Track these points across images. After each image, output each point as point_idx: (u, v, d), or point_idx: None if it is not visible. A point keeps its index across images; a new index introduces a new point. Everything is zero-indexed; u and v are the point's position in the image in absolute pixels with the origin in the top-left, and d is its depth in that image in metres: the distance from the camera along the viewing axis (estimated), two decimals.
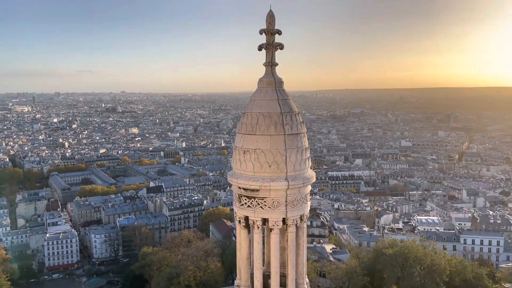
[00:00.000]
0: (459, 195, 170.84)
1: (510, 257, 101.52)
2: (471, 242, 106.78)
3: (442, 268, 68.58)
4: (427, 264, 69.10)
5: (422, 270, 69.18)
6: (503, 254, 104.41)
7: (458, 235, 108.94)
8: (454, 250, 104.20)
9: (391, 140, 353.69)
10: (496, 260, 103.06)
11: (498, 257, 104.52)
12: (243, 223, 14.04)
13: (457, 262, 74.64)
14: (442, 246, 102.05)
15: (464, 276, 71.43)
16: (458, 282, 70.76)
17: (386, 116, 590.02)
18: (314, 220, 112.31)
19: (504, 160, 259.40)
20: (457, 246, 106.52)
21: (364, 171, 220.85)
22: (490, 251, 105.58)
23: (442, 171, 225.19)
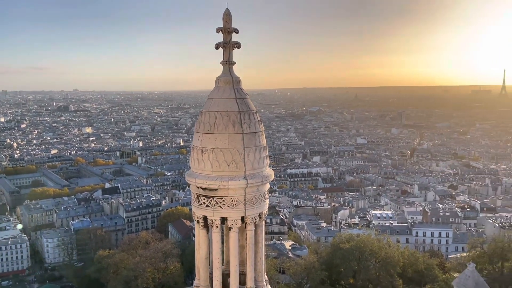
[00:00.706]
0: (411, 189, 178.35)
1: (459, 248, 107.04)
2: (422, 235, 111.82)
3: (396, 261, 71.39)
4: (381, 257, 71.67)
5: (377, 263, 71.68)
6: (451, 245, 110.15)
7: (410, 228, 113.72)
8: (407, 242, 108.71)
9: (347, 137, 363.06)
10: (446, 251, 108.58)
11: (448, 248, 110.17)
12: (201, 223, 13.94)
13: (409, 254, 77.92)
14: (396, 239, 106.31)
15: (416, 267, 74.72)
16: (410, 273, 73.93)
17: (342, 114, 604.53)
18: (273, 218, 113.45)
19: (452, 156, 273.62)
20: (410, 238, 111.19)
21: (321, 168, 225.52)
22: (440, 242, 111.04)
23: (395, 167, 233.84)
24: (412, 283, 70.54)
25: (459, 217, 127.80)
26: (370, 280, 70.57)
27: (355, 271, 72.06)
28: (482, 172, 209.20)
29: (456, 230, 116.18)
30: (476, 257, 74.31)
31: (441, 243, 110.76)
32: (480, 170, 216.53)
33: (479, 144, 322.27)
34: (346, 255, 71.90)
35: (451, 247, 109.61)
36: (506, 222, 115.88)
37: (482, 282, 56.54)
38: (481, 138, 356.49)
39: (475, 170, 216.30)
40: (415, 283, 70.54)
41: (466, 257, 77.07)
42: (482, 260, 73.91)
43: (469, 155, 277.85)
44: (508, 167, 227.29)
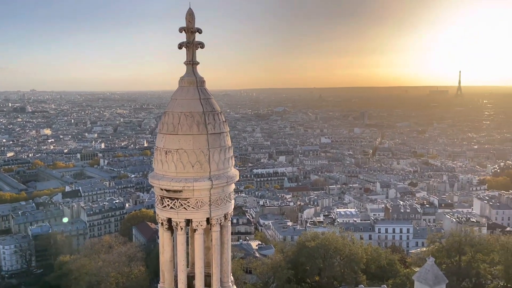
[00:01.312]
0: (374, 187, 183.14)
1: (419, 243, 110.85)
2: (384, 231, 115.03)
3: (360, 257, 73.10)
4: (346, 254, 73.19)
5: (342, 260, 73.14)
6: (412, 240, 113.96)
7: (373, 225, 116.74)
8: (370, 239, 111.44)
9: (312, 137, 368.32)
10: (407, 246, 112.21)
11: (408, 243, 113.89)
12: (165, 225, 13.74)
13: (372, 250, 79.97)
14: (359, 236, 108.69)
15: (379, 263, 76.79)
16: (374, 269, 75.89)
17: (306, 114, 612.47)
18: (240, 218, 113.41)
19: (411, 154, 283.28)
20: (373, 235, 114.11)
21: (287, 168, 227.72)
22: (401, 238, 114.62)
23: (358, 165, 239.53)
24: (375, 279, 72.32)
25: (418, 213, 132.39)
26: (335, 277, 71.93)
27: (320, 269, 73.20)
28: (440, 170, 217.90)
29: (416, 225, 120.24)
30: (435, 252, 77.20)
31: (402, 238, 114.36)
32: (438, 167, 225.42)
33: (437, 142, 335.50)
34: (312, 253, 72.90)
35: (411, 242, 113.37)
36: (463, 217, 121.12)
37: (441, 275, 58.86)
38: (438, 136, 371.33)
39: (433, 168, 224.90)
40: (378, 278, 72.36)
41: (426, 252, 79.96)
42: (440, 254, 76.87)
43: (427, 153, 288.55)
44: (464, 164, 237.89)
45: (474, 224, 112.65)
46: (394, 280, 71.35)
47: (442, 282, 57.99)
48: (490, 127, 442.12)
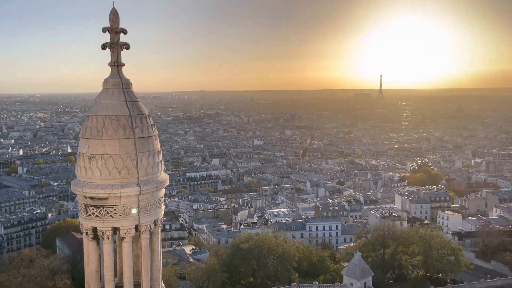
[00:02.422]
0: (304, 187, 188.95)
1: (347, 239, 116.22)
2: (315, 229, 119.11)
3: (292, 255, 75.00)
4: (279, 253, 74.67)
5: (275, 260, 74.50)
6: (341, 236, 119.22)
7: (304, 223, 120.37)
8: (302, 237, 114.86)
9: (245, 139, 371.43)
10: (336, 242, 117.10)
11: (337, 239, 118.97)
12: (91, 235, 13.04)
13: (304, 248, 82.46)
14: (292, 235, 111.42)
15: (310, 260, 79.33)
16: (305, 266, 78.24)
17: (239, 117, 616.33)
18: (173, 223, 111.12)
19: (339, 154, 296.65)
20: (304, 233, 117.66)
21: (221, 171, 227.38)
22: (330, 235, 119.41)
23: (290, 166, 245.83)
24: (307, 276, 74.65)
25: (346, 210, 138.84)
26: (269, 277, 73.06)
27: (254, 270, 73.94)
28: (365, 168, 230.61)
29: (344, 222, 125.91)
30: (361, 246, 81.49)
31: (331, 235, 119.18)
32: (363, 166, 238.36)
33: (362, 142, 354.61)
34: (246, 254, 73.41)
35: (340, 238, 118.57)
36: (386, 212, 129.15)
37: (367, 268, 62.37)
38: (363, 137, 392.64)
39: (359, 167, 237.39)
40: (310, 275, 74.76)
41: (353, 247, 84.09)
42: (367, 248, 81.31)
43: (353, 153, 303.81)
44: (386, 163, 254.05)
45: (396, 218, 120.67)
46: (324, 276, 74.11)
47: (368, 275, 61.46)
48: (408, 127, 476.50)
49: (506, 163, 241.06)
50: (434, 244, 77.27)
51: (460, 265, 76.92)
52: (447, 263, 75.88)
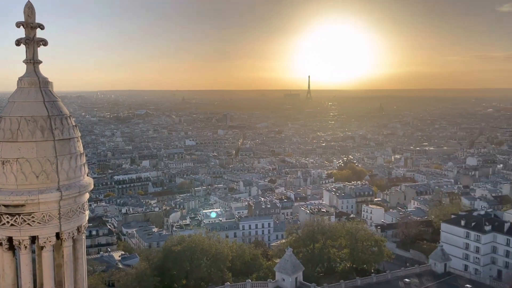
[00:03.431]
0: (237, 186, 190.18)
1: (279, 235, 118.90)
2: (248, 227, 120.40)
3: (225, 255, 75.16)
4: (212, 254, 74.44)
5: (208, 261, 74.17)
6: (273, 234, 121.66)
7: (237, 222, 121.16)
8: (235, 236, 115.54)
9: (176, 140, 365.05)
10: (268, 240, 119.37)
11: (270, 237, 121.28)
12: (6, 245, 12.03)
13: (237, 247, 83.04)
14: (225, 235, 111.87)
15: (243, 259, 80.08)
16: (239, 265, 78.81)
17: (170, 117, 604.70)
18: (100, 229, 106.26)
19: (270, 153, 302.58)
20: (237, 232, 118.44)
21: (151, 172, 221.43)
22: (263, 233, 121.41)
23: (223, 166, 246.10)
24: (241, 274, 75.20)
25: (278, 207, 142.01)
26: (202, 278, 72.56)
27: (187, 272, 73.03)
28: (295, 166, 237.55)
29: (276, 219, 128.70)
30: (293, 242, 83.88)
31: (264, 233, 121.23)
32: (293, 164, 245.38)
33: (292, 141, 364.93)
34: (178, 257, 72.26)
35: (272, 235, 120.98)
36: (315, 208, 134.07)
37: (298, 263, 64.31)
38: (293, 136, 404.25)
39: (290, 165, 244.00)
40: (243, 274, 75.36)
41: (285, 243, 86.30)
42: (297, 244, 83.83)
43: (284, 151, 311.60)
44: (315, 160, 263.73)
45: (325, 214, 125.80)
46: (258, 274, 75.17)
47: (299, 270, 63.43)
48: (335, 126, 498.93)
49: (422, 158, 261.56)
50: (360, 237, 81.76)
51: (382, 255, 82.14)
52: (371, 254, 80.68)
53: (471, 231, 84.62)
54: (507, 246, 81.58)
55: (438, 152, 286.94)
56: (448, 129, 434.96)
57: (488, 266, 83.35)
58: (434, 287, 66.27)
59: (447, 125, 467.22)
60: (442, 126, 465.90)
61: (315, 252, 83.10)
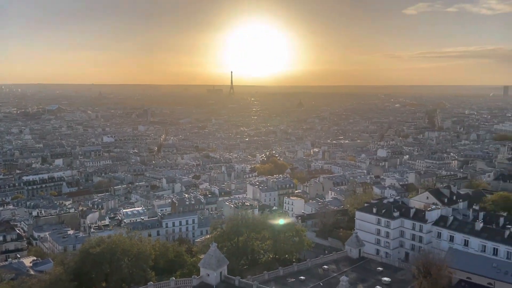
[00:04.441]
0: (160, 183, 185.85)
1: (203, 231, 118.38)
2: (171, 225, 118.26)
3: (148, 254, 73.10)
4: (134, 254, 71.98)
5: (130, 261, 71.60)
6: (197, 230, 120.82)
7: (160, 220, 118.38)
8: (158, 235, 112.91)
9: (93, 136, 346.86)
10: (193, 236, 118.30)
11: (194, 233, 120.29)
12: None
13: (160, 246, 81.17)
14: (148, 234, 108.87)
15: (167, 257, 78.51)
16: (162, 263, 77.14)
17: (85, 113, 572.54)
18: (7, 234, 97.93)
19: (194, 149, 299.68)
20: (160, 230, 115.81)
21: (65, 172, 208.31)
22: (187, 229, 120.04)
23: (144, 163, 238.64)
24: (165, 273, 73.62)
25: (202, 203, 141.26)
26: (123, 279, 69.82)
27: (107, 274, 69.86)
28: (219, 161, 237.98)
29: (200, 215, 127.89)
30: (217, 237, 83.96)
31: (188, 229, 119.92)
32: (217, 159, 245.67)
33: (216, 137, 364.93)
34: (97, 259, 68.88)
35: (197, 232, 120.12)
36: (239, 202, 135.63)
37: (223, 258, 64.59)
38: (216, 131, 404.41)
39: (214, 160, 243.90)
40: (167, 272, 73.88)
41: (209, 239, 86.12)
42: (222, 238, 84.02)
43: (208, 147, 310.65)
44: (238, 155, 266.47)
45: (248, 207, 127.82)
46: (182, 271, 74.24)
47: (224, 264, 63.75)
48: (257, 121, 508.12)
49: (338, 151, 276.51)
50: (282, 228, 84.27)
51: (303, 245, 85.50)
52: (293, 244, 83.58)
53: (382, 217, 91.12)
54: (413, 230, 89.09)
55: (352, 145, 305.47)
56: (361, 123, 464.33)
57: (397, 250, 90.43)
58: (350, 272, 70.43)
59: (360, 120, 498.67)
60: (355, 120, 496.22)
61: (239, 245, 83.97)
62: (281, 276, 67.98)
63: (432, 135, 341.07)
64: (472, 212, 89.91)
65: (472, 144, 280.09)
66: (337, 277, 63.29)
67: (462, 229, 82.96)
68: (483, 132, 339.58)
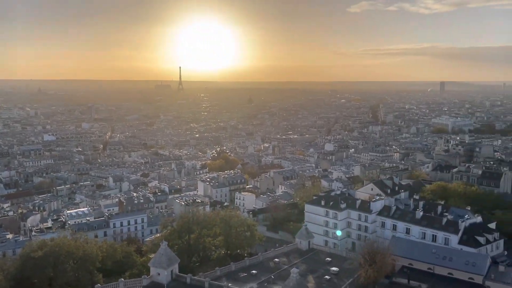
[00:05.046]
0: (106, 183, 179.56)
1: (153, 230, 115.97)
2: (119, 225, 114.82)
3: (95, 256, 70.59)
4: (79, 256, 69.28)
5: (75, 264, 68.86)
6: (147, 229, 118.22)
7: (107, 221, 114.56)
8: (105, 235, 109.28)
9: (32, 135, 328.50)
10: (142, 235, 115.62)
11: (144, 232, 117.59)
12: None
13: (108, 247, 78.59)
14: (94, 235, 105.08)
15: (115, 258, 76.21)
16: (110, 265, 74.78)
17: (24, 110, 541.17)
18: None
19: (142, 146, 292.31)
20: (108, 231, 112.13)
21: (3, 172, 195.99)
22: (136, 229, 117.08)
23: (89, 162, 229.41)
24: (113, 274, 71.52)
25: (151, 202, 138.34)
26: (69, 283, 66.94)
27: (51, 278, 66.66)
28: (169, 158, 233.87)
29: (150, 214, 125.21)
30: (168, 236, 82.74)
31: (137, 229, 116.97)
32: (167, 156, 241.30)
33: (165, 133, 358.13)
34: (39, 263, 65.55)
35: (146, 231, 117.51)
36: (190, 200, 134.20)
37: (174, 256, 63.78)
38: (165, 128, 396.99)
39: (163, 157, 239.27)
40: (115, 273, 71.79)
41: (159, 238, 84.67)
42: (173, 237, 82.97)
43: (157, 144, 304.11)
44: (189, 152, 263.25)
45: (199, 204, 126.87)
46: (131, 271, 72.49)
47: (175, 262, 62.98)
48: (208, 117, 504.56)
49: (287, 146, 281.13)
50: (233, 224, 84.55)
51: (255, 239, 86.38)
52: (244, 239, 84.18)
53: (330, 209, 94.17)
54: (359, 220, 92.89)
55: (301, 139, 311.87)
56: (309, 118, 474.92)
57: (344, 240, 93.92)
58: (300, 263, 72.19)
59: (308, 115, 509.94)
60: (304, 115, 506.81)
61: (191, 243, 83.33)
62: (233, 271, 68.30)
63: (375, 129, 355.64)
64: (413, 201, 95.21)
65: (412, 137, 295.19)
66: (287, 269, 64.54)
67: (404, 218, 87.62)
68: (422, 125, 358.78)
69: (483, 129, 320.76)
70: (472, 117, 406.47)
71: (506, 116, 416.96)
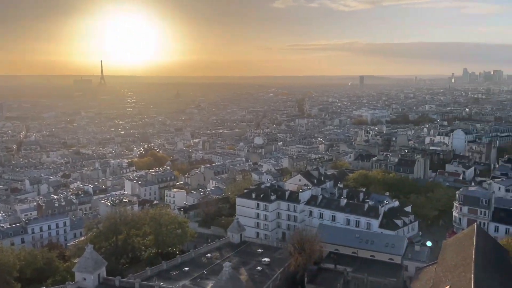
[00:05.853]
0: (22, 186, 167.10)
1: (77, 234, 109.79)
2: (39, 230, 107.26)
3: (11, 265, 65.33)
4: None
5: None
6: (70, 232, 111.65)
7: (25, 226, 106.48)
8: (23, 242, 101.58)
9: None
10: (65, 240, 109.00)
11: (66, 236, 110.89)
12: None
13: (26, 254, 73.02)
14: (10, 242, 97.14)
15: (35, 266, 71.06)
16: (30, 273, 69.64)
17: None
18: None
19: (62, 145, 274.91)
20: (26, 237, 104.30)
21: None
22: (58, 233, 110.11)
23: (1, 164, 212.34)
24: (33, 283, 66.68)
25: (74, 204, 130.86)
26: None
27: None
28: (92, 157, 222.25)
29: (73, 217, 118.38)
30: (93, 238, 78.84)
31: (59, 233, 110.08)
32: (90, 155, 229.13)
33: (86, 131, 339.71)
34: None
35: (69, 235, 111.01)
36: (116, 200, 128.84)
37: (100, 259, 60.88)
38: (87, 125, 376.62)
39: (86, 156, 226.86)
40: (36, 281, 66.97)
41: (84, 241, 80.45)
42: (99, 239, 79.23)
43: (78, 142, 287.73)
44: (114, 150, 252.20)
45: (127, 203, 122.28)
46: (54, 278, 68.15)
47: (102, 266, 60.16)
48: (133, 113, 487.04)
49: (217, 141, 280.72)
50: (163, 222, 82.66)
51: (186, 236, 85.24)
52: (176, 237, 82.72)
53: (260, 201, 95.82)
54: (288, 211, 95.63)
55: (231, 134, 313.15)
56: (238, 112, 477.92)
57: (275, 230, 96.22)
58: (232, 256, 72.65)
59: (237, 109, 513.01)
60: (233, 110, 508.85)
61: (119, 244, 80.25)
62: (164, 270, 66.96)
63: (302, 122, 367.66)
64: (337, 190, 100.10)
65: (335, 128, 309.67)
66: (220, 263, 64.61)
67: (330, 206, 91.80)
68: (344, 117, 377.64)
69: (398, 119, 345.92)
70: (389, 108, 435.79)
71: (418, 107, 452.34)
